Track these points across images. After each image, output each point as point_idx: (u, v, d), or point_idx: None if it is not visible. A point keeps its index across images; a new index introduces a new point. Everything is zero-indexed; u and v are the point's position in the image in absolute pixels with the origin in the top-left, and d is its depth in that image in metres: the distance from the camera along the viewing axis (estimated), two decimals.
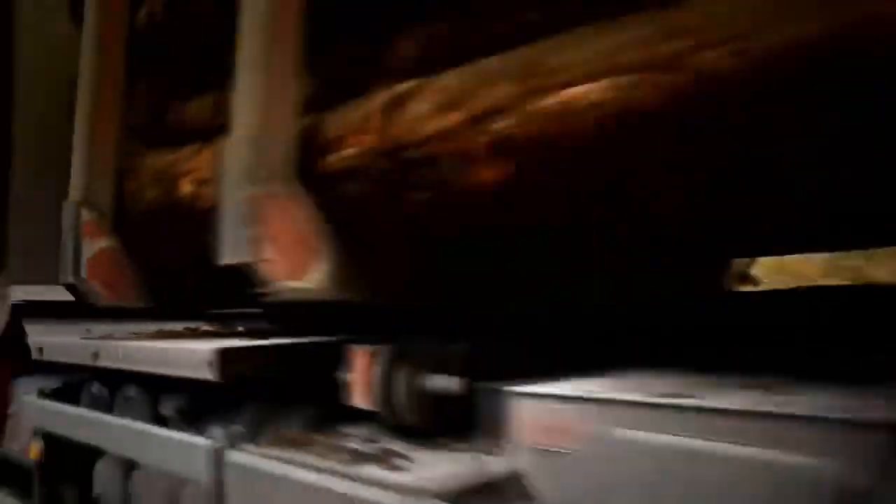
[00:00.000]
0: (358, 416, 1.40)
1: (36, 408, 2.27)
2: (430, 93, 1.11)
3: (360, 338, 1.45)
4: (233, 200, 1.26)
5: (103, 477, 2.04)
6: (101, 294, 1.90)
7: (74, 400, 2.21)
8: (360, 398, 1.42)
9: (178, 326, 2.67)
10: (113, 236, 1.91)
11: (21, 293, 2.45)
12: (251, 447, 1.35)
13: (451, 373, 1.20)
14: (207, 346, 1.45)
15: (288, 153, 1.28)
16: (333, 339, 1.53)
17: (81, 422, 2.02)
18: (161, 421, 1.76)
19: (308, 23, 1.33)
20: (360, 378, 1.42)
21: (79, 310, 2.20)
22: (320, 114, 1.33)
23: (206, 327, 2.65)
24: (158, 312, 2.61)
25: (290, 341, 1.56)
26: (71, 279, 1.88)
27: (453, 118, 1.05)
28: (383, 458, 1.21)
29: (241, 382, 1.71)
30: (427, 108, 1.10)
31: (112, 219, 1.92)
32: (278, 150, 1.27)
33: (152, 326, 2.53)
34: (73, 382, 2.29)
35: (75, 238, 1.88)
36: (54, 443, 2.18)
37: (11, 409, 2.54)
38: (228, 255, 1.24)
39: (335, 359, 1.44)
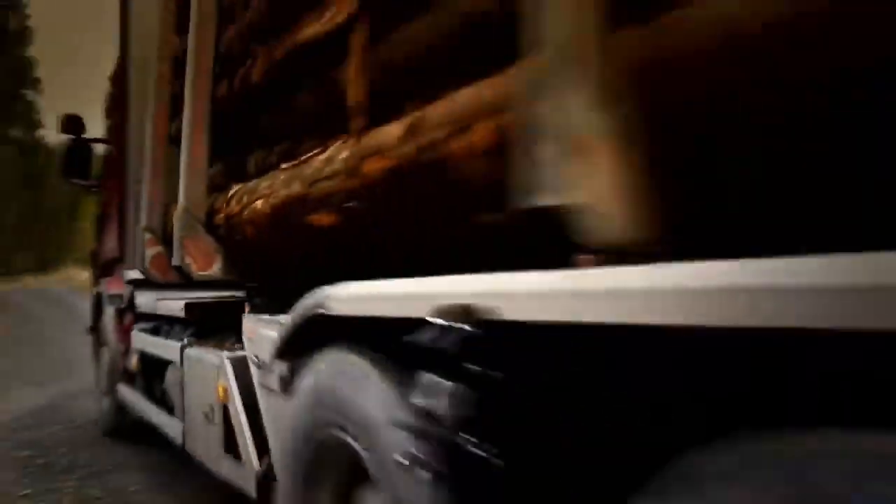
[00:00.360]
0: None
1: (137, 338, 4.10)
2: (237, 194, 2.62)
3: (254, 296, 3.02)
4: (177, 238, 2.85)
5: (169, 375, 3.78)
6: (157, 277, 3.61)
7: (157, 333, 3.99)
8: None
9: (225, 293, 4.38)
10: (161, 246, 3.60)
11: (132, 274, 4.26)
12: (195, 346, 2.97)
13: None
14: (182, 301, 3.10)
15: (199, 215, 2.85)
16: (241, 297, 3.11)
17: (153, 344, 3.78)
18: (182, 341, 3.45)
19: (210, 144, 2.89)
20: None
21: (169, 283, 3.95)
22: (215, 195, 2.89)
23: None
24: (225, 283, 4.36)
25: (224, 300, 3.16)
26: (141, 269, 3.61)
27: (238, 207, 2.55)
28: (238, 348, 2.77)
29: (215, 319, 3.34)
30: (235, 201, 2.61)
31: (161, 237, 3.61)
32: (197, 214, 2.85)
33: (203, 293, 4.26)
34: (156, 325, 4.07)
35: (142, 247, 3.60)
36: (145, 357, 3.98)
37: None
38: (175, 261, 2.84)
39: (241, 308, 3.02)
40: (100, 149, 5.75)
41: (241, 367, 2.43)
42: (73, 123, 5.55)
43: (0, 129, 26.41)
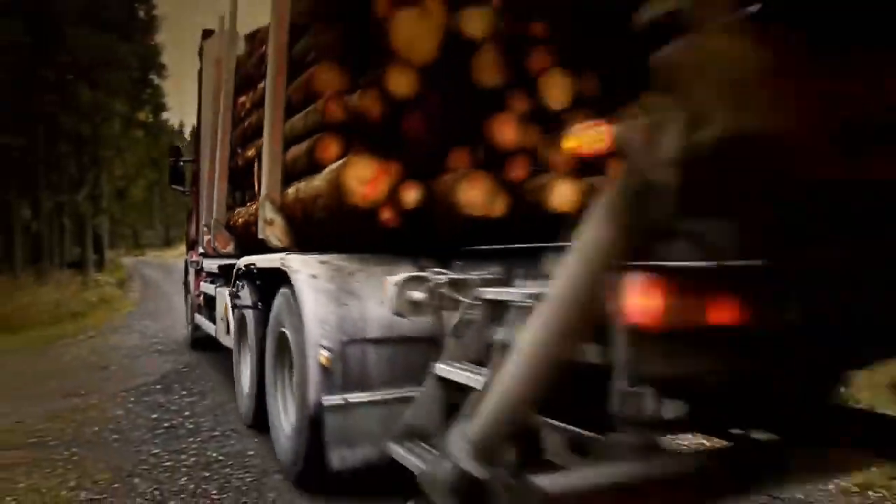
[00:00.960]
0: None
1: (202, 286, 7.10)
2: (236, 214, 5.45)
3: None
4: (212, 232, 5.75)
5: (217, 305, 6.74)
6: (209, 252, 6.52)
7: (212, 283, 6.95)
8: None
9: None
10: (210, 235, 6.51)
11: (201, 249, 7.24)
12: (220, 287, 5.87)
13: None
14: (217, 264, 6.01)
15: (223, 222, 5.72)
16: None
17: (207, 288, 6.72)
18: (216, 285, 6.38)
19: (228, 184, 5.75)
20: None
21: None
22: (231, 211, 5.75)
23: None
24: (236, 256, 7.32)
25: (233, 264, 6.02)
26: (202, 247, 6.56)
27: (242, 219, 5.38)
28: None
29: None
30: (235, 217, 5.45)
31: (210, 230, 6.52)
32: (221, 220, 5.73)
33: (229, 261, 7.22)
34: (213, 279, 7.02)
35: (203, 236, 6.53)
36: (205, 296, 6.95)
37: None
38: (212, 244, 5.74)
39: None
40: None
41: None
42: (174, 152, 8.70)
43: (130, 113, 27.05)
